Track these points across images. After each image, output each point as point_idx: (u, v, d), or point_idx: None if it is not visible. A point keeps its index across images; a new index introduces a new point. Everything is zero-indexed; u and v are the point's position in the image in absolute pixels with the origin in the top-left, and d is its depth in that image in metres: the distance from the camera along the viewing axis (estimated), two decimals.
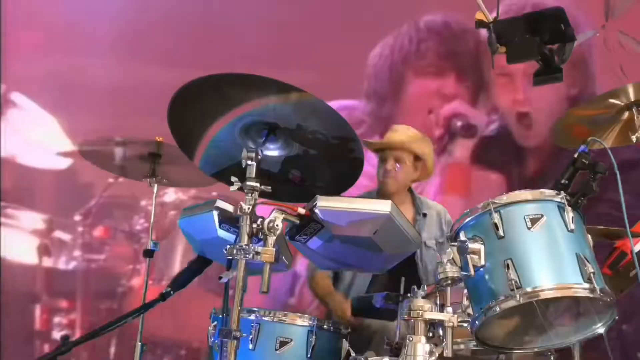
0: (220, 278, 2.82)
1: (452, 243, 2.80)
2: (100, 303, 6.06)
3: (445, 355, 2.76)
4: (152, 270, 4.23)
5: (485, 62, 6.12)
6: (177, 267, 5.84)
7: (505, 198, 2.82)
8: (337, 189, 3.04)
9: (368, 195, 4.19)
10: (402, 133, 4.19)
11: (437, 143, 5.61)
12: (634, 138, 3.29)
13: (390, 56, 6.17)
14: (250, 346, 3.15)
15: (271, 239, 2.74)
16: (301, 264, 4.79)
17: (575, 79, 5.77)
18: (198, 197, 5.74)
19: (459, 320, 2.79)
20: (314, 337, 3.19)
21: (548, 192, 2.83)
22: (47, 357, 3.28)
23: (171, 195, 5.97)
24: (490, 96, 6.07)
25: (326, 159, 2.99)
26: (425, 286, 2.89)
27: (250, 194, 2.80)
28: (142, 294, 4.02)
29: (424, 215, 4.18)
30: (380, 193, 4.18)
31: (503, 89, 6.07)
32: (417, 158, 4.16)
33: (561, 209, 2.79)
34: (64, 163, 6.14)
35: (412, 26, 6.24)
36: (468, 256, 2.75)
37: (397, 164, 4.11)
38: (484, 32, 2.63)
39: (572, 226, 2.76)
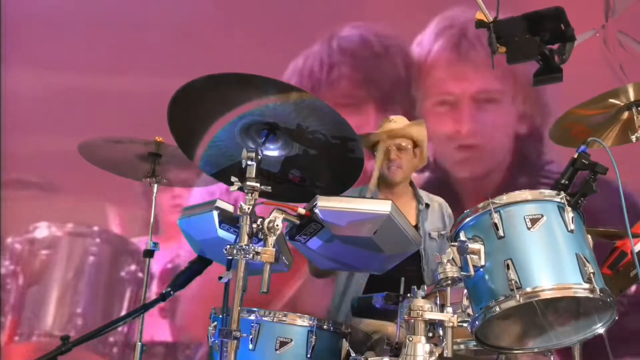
0: (220, 278, 2.83)
1: (452, 243, 2.80)
2: None
3: (445, 355, 2.76)
4: (18, 323, 3.76)
5: (418, 85, 5.56)
6: (50, 318, 4.81)
7: (505, 198, 2.82)
8: (337, 189, 3.04)
9: (364, 189, 4.18)
10: (400, 122, 4.20)
11: None
12: (633, 138, 3.29)
13: (299, 84, 5.31)
14: (250, 346, 3.15)
15: (271, 239, 2.74)
16: None
17: (526, 116, 5.54)
18: (75, 233, 4.89)
19: (459, 320, 2.79)
20: (314, 337, 3.19)
21: (548, 192, 2.83)
22: (47, 357, 3.28)
23: (43, 230, 4.98)
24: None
25: (326, 159, 2.99)
26: (426, 286, 2.89)
27: (250, 194, 2.80)
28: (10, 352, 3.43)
29: (427, 205, 4.19)
30: (385, 184, 4.17)
31: (442, 118, 5.54)
32: (415, 145, 4.17)
33: (561, 209, 2.79)
34: None
35: (325, 46, 5.46)
36: (468, 256, 2.75)
37: (400, 152, 4.13)
38: (414, 48, 2.62)
39: (572, 226, 2.76)
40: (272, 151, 2.97)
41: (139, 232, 5.30)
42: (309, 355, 3.17)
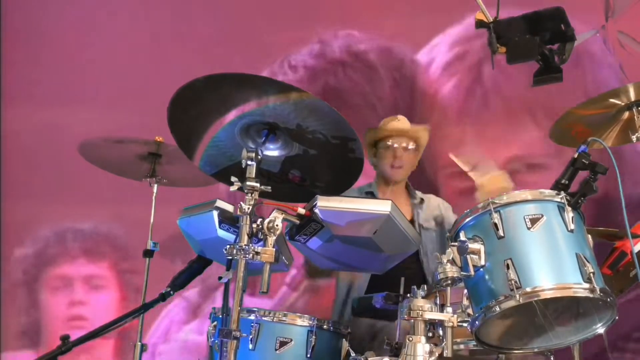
0: (220, 278, 2.83)
1: (452, 243, 2.80)
2: None
3: (445, 355, 2.76)
4: None
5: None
6: None
7: (505, 198, 2.82)
8: (337, 189, 3.05)
9: (367, 188, 4.16)
10: (405, 122, 4.18)
11: None
12: (634, 138, 3.28)
13: None
14: (250, 346, 3.15)
15: (271, 239, 2.74)
16: None
17: None
18: None
19: (459, 320, 2.79)
20: (314, 337, 3.19)
21: (548, 192, 2.83)
22: (47, 357, 3.28)
23: None
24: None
25: (326, 159, 3.00)
26: (426, 285, 2.89)
27: (250, 194, 2.80)
28: None
29: (421, 200, 4.18)
30: (383, 182, 4.15)
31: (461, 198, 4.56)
32: (416, 147, 4.14)
33: (561, 209, 2.79)
34: None
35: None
36: (468, 256, 2.75)
37: (404, 153, 4.09)
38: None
39: (572, 226, 2.76)
40: (272, 151, 2.97)
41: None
42: (308, 355, 3.17)
